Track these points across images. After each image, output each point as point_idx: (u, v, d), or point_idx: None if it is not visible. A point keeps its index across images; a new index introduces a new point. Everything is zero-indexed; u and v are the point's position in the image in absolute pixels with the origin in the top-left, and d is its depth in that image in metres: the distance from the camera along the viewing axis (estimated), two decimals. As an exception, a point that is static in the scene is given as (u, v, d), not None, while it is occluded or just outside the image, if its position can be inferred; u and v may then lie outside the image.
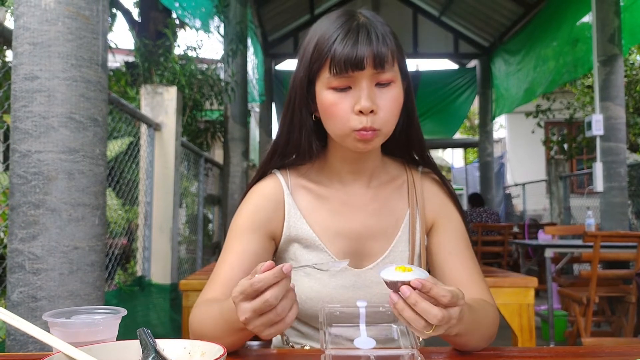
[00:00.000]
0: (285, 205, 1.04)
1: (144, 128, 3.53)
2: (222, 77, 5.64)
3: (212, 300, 0.95)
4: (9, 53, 2.15)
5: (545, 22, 7.32)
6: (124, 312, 0.79)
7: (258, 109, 10.11)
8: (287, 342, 1.10)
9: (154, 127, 3.54)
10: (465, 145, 13.25)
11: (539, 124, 9.27)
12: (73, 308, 0.79)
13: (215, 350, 0.67)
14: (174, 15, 5.94)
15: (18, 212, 1.66)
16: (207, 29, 5.34)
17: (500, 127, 14.00)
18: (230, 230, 1.03)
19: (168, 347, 0.70)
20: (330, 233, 1.03)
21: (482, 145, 9.91)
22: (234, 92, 5.49)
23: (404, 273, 0.72)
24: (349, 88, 0.92)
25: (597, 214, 5.59)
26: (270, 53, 9.75)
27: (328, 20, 0.95)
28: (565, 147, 8.89)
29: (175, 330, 3.34)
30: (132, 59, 5.48)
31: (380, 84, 0.92)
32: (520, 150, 12.49)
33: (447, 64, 11.32)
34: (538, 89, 7.49)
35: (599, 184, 5.13)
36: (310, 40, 0.96)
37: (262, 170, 1.09)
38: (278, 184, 1.06)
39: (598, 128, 5.10)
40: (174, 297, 3.53)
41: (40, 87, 1.66)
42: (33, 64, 1.66)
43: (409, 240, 1.06)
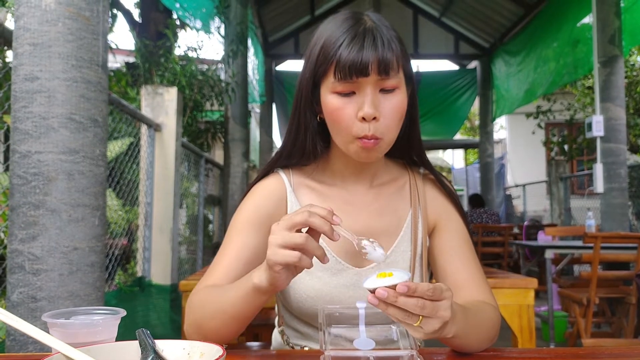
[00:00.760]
0: (288, 203, 1.05)
1: (145, 129, 3.53)
2: (222, 77, 5.65)
3: (214, 285, 0.95)
4: (9, 54, 2.15)
5: (546, 23, 7.33)
6: (123, 312, 0.79)
7: (258, 110, 10.12)
8: (287, 342, 1.10)
9: (155, 127, 3.54)
10: (466, 146, 13.25)
11: (540, 125, 9.27)
12: (72, 309, 0.79)
13: (215, 351, 0.67)
14: (175, 16, 5.95)
15: (18, 212, 1.66)
16: (207, 30, 5.35)
17: (501, 128, 14.01)
18: (232, 223, 1.04)
19: (167, 347, 0.70)
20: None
21: (482, 146, 9.91)
22: (235, 92, 5.49)
23: (385, 279, 0.72)
24: (353, 93, 0.92)
25: (597, 215, 5.59)
26: (271, 54, 9.75)
27: (335, 23, 0.95)
28: (566, 148, 8.89)
29: (175, 331, 3.34)
30: (132, 60, 5.48)
31: (385, 90, 0.92)
32: (521, 151, 12.49)
33: (447, 65, 11.33)
34: (538, 90, 7.49)
35: (599, 185, 5.13)
36: (317, 42, 0.96)
37: (267, 169, 1.10)
38: (281, 182, 1.07)
39: (598, 129, 5.10)
40: (174, 297, 3.53)
41: (41, 87, 1.66)
42: (33, 65, 1.66)
43: (411, 241, 1.07)
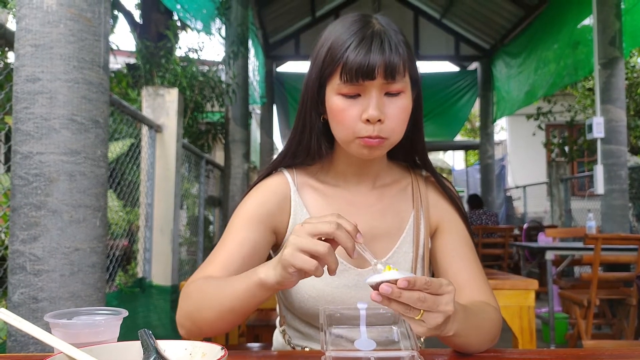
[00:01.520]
0: (292, 202, 1.05)
1: (145, 130, 3.53)
2: (223, 79, 5.65)
3: (210, 277, 0.95)
4: (11, 55, 2.15)
5: (546, 24, 7.33)
6: (125, 313, 0.79)
7: (259, 111, 10.12)
8: (289, 342, 1.10)
9: (155, 128, 3.54)
10: (466, 148, 13.25)
11: (540, 127, 9.27)
12: (74, 309, 0.79)
13: (216, 351, 0.67)
14: (176, 17, 5.95)
15: (19, 213, 1.66)
16: (208, 31, 5.35)
17: (501, 129, 14.00)
18: (234, 217, 1.03)
19: (169, 348, 0.71)
20: None
21: (483, 148, 9.91)
22: (235, 94, 5.50)
23: (388, 272, 0.73)
24: (358, 95, 0.92)
25: (597, 217, 5.59)
26: (272, 55, 9.76)
27: (343, 24, 0.95)
28: (566, 149, 8.89)
29: (176, 331, 3.33)
30: (133, 61, 5.48)
31: (390, 94, 0.93)
32: (521, 153, 12.48)
33: (448, 67, 11.33)
34: (539, 92, 7.50)
35: (600, 187, 5.13)
36: (324, 43, 0.96)
37: (271, 168, 1.10)
38: (285, 181, 1.07)
39: (599, 131, 5.10)
40: (175, 298, 3.53)
41: (42, 88, 1.66)
42: (35, 66, 1.67)
43: (413, 242, 1.07)
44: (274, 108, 9.88)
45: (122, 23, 6.40)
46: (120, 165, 3.41)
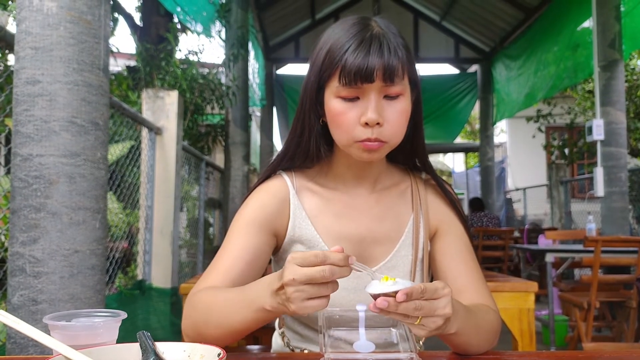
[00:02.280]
0: (291, 206, 1.05)
1: (145, 132, 3.53)
2: (223, 81, 5.66)
3: (214, 288, 0.94)
4: (11, 57, 2.16)
5: (546, 27, 7.34)
6: (124, 315, 0.79)
7: (259, 113, 10.13)
8: (287, 344, 1.10)
9: (155, 131, 3.55)
10: (466, 150, 13.25)
11: (540, 129, 9.27)
12: (73, 311, 0.79)
13: (215, 354, 0.67)
14: (176, 20, 5.96)
15: (19, 215, 1.66)
16: (208, 34, 5.36)
17: (501, 131, 14.00)
18: (234, 223, 1.03)
19: (168, 350, 0.71)
20: (334, 236, 1.04)
21: (482, 150, 9.91)
22: (235, 96, 5.50)
23: (387, 283, 0.73)
24: (357, 98, 0.92)
25: (597, 219, 5.58)
26: (272, 57, 9.77)
27: (342, 27, 0.95)
28: (566, 151, 8.89)
29: (176, 334, 3.34)
30: (133, 63, 5.49)
31: (389, 96, 0.92)
32: (521, 155, 12.48)
33: (447, 69, 11.39)
34: (539, 94, 7.50)
35: (600, 189, 5.13)
36: (323, 46, 0.96)
37: (269, 171, 1.10)
38: (284, 184, 1.07)
39: (599, 133, 5.10)
40: (175, 300, 3.52)
41: (42, 91, 1.67)
42: (35, 68, 1.67)
43: (412, 245, 1.07)
44: (274, 110, 9.88)
45: (122, 25, 6.42)
46: (120, 168, 3.41)
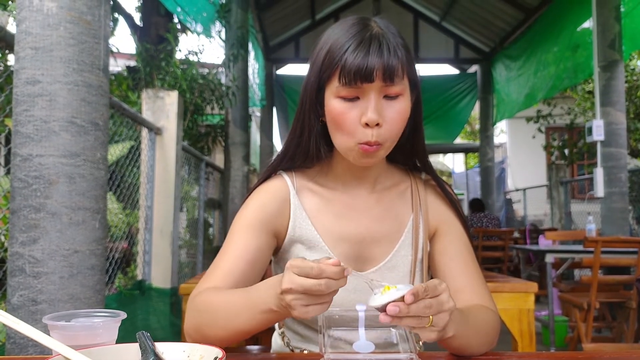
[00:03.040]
0: (291, 206, 1.05)
1: (145, 132, 3.53)
2: (223, 81, 5.66)
3: (216, 289, 0.94)
4: (11, 57, 2.16)
5: (546, 27, 7.34)
6: (124, 315, 0.79)
7: (259, 114, 10.13)
8: (287, 344, 1.10)
9: (155, 131, 3.55)
10: (466, 150, 13.25)
11: (540, 129, 9.28)
12: (73, 311, 0.79)
13: (214, 354, 0.67)
14: (176, 20, 5.96)
15: (19, 215, 1.66)
16: (208, 34, 5.36)
17: (501, 132, 14.00)
18: (235, 223, 1.03)
19: (167, 350, 0.71)
20: (334, 236, 1.04)
21: (482, 150, 9.91)
22: (235, 96, 5.50)
23: (391, 292, 0.73)
24: (357, 98, 0.92)
25: (597, 220, 5.58)
26: (271, 58, 9.77)
27: (342, 27, 0.95)
28: (566, 152, 8.89)
29: (175, 334, 3.34)
30: (133, 63, 5.49)
31: (389, 97, 0.93)
32: (521, 156, 12.48)
33: (447, 69, 11.37)
34: (539, 94, 7.50)
35: (600, 190, 5.13)
36: (323, 46, 0.96)
37: (270, 171, 1.10)
38: (284, 184, 1.07)
39: (599, 133, 5.10)
40: (174, 301, 3.52)
41: (42, 91, 1.67)
42: (35, 69, 1.67)
43: (412, 245, 1.07)
44: (274, 110, 9.88)
45: (122, 26, 6.42)
46: (120, 168, 3.41)
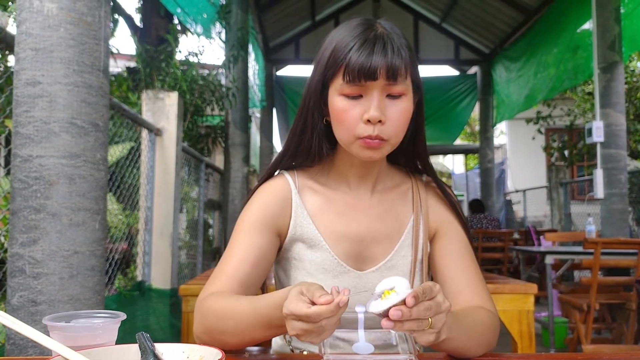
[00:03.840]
0: (293, 205, 1.06)
1: (145, 133, 3.53)
2: (223, 82, 5.66)
3: (223, 294, 0.94)
4: (11, 58, 2.16)
5: (546, 29, 7.35)
6: (124, 316, 0.79)
7: (259, 115, 10.13)
8: (289, 342, 1.10)
9: (155, 132, 3.55)
10: (466, 152, 13.25)
11: (540, 131, 9.28)
12: (73, 312, 0.79)
13: (214, 355, 0.67)
14: (176, 21, 5.97)
15: (19, 216, 1.66)
16: (208, 35, 5.36)
17: (501, 133, 14.01)
18: (238, 225, 1.04)
19: (167, 351, 0.71)
20: (335, 235, 1.05)
21: (482, 152, 9.91)
22: (235, 97, 5.50)
23: (391, 297, 0.72)
24: (360, 96, 0.93)
25: (597, 221, 5.58)
26: (272, 59, 9.77)
27: (347, 28, 0.97)
28: (566, 153, 8.89)
29: (175, 336, 3.34)
30: (133, 65, 5.50)
31: (391, 96, 0.93)
32: (521, 157, 12.48)
33: (447, 71, 11.35)
34: (539, 96, 7.50)
35: (600, 191, 5.13)
36: (328, 46, 0.98)
37: (271, 170, 1.11)
38: (286, 183, 1.07)
39: (598, 135, 5.11)
40: (174, 302, 3.52)
41: (42, 92, 1.67)
42: (35, 70, 1.67)
43: (412, 246, 1.07)
44: (274, 112, 9.88)
45: (122, 27, 6.43)
46: (120, 169, 3.41)
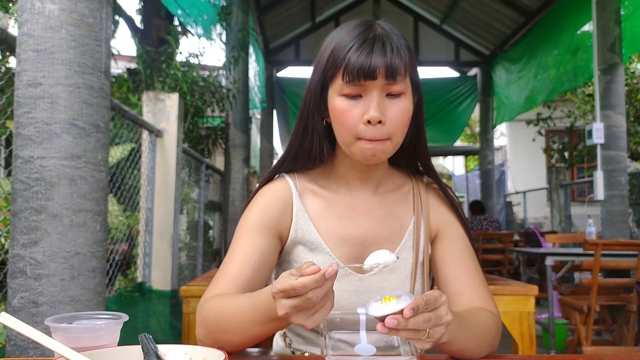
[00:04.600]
0: (294, 207, 1.06)
1: (146, 134, 3.54)
2: (223, 84, 5.66)
3: (224, 295, 0.94)
4: (13, 59, 2.16)
5: (546, 30, 7.35)
6: (126, 317, 0.79)
7: (259, 116, 10.13)
8: (289, 345, 1.10)
9: (156, 133, 3.55)
10: (466, 153, 13.25)
11: (540, 132, 9.28)
12: (75, 313, 0.79)
13: (216, 355, 0.67)
14: (176, 22, 5.97)
15: (20, 217, 1.66)
16: (209, 36, 5.37)
17: (501, 135, 14.02)
18: (239, 227, 1.04)
19: (169, 352, 0.71)
20: (336, 237, 1.05)
21: (482, 153, 9.91)
22: (236, 99, 5.51)
23: (391, 303, 0.72)
24: (360, 96, 0.93)
25: (597, 222, 5.59)
26: (272, 60, 9.78)
27: (346, 29, 0.97)
28: (566, 155, 8.89)
29: (175, 337, 3.34)
30: (134, 66, 5.50)
31: (391, 95, 0.94)
32: (521, 158, 12.49)
33: (448, 72, 11.35)
34: (539, 97, 7.51)
35: (600, 192, 5.13)
36: (327, 47, 0.98)
37: (272, 172, 1.11)
38: (287, 186, 1.07)
39: (599, 136, 5.11)
40: (174, 303, 3.52)
41: (43, 93, 1.67)
42: (36, 71, 1.67)
43: (413, 247, 1.07)
44: (274, 113, 9.89)
45: (123, 28, 6.42)
46: (121, 170, 3.41)
